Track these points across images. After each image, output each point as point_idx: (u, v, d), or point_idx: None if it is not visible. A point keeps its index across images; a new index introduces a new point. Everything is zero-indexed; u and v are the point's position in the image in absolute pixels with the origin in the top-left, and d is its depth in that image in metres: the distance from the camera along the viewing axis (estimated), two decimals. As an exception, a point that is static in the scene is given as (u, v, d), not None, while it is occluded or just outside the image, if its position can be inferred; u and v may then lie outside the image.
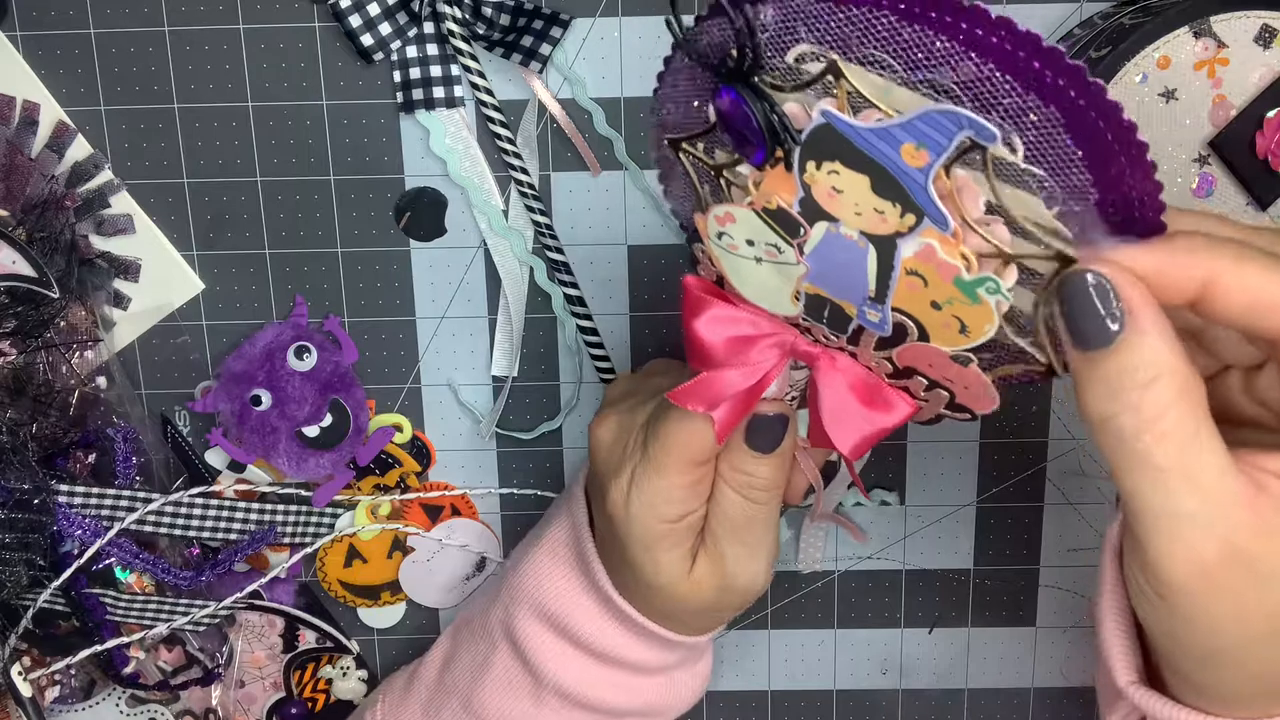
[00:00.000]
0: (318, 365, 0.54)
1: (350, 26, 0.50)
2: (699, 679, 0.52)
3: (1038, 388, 0.54)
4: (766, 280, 0.37)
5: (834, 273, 0.34)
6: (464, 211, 0.53)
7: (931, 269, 0.32)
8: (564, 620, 0.48)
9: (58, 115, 0.52)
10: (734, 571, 0.44)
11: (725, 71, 0.32)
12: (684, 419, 0.41)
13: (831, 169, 0.32)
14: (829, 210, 0.33)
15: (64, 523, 0.52)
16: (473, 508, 0.57)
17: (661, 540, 0.43)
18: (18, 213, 0.51)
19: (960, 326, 0.33)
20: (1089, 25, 0.49)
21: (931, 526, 0.57)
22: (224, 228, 0.53)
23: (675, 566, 0.44)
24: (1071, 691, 0.59)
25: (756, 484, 0.42)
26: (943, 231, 0.31)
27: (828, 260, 0.34)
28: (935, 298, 0.33)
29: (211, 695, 0.59)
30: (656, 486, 0.42)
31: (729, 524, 0.43)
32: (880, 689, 0.60)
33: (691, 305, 0.39)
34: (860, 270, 0.34)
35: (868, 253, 0.33)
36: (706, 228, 0.36)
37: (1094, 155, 0.29)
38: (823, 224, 0.33)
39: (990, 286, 0.31)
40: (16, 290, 0.50)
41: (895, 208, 0.31)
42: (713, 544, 0.44)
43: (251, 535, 0.55)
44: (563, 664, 0.48)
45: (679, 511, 0.43)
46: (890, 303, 0.34)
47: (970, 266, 0.31)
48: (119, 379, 0.54)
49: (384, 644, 0.60)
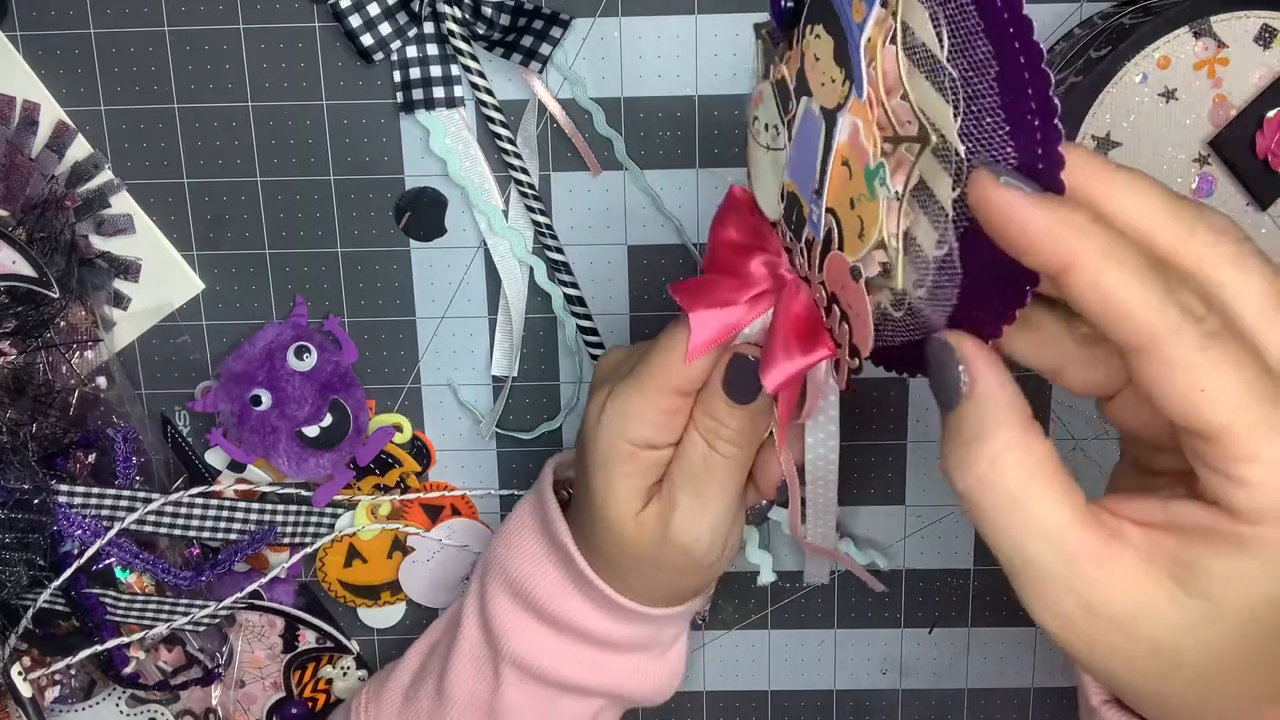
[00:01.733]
0: (318, 365, 0.54)
1: (350, 26, 0.50)
2: (665, 670, 0.51)
3: (1036, 389, 0.54)
4: (767, 173, 0.37)
5: (800, 157, 0.34)
6: (464, 211, 0.53)
7: (855, 156, 0.31)
8: (526, 585, 0.48)
9: (58, 115, 0.52)
10: (679, 525, 0.44)
11: None
12: (675, 343, 0.41)
13: (816, 32, 0.31)
14: (809, 81, 0.32)
15: (64, 523, 0.52)
16: (473, 508, 0.57)
17: (621, 462, 0.43)
18: (18, 213, 0.51)
19: (859, 229, 0.31)
20: (1089, 25, 0.49)
21: (931, 526, 0.57)
22: (224, 228, 0.53)
23: (626, 499, 0.44)
24: (1071, 691, 0.59)
25: (724, 434, 0.42)
26: (858, 99, 0.29)
27: (800, 142, 0.33)
28: (853, 193, 0.31)
29: (211, 695, 0.59)
30: (631, 400, 0.43)
31: (688, 470, 0.43)
32: (880, 689, 0.60)
33: (722, 209, 0.39)
34: (814, 153, 0.33)
35: (820, 131, 0.32)
36: (750, 111, 0.37)
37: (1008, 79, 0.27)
38: (805, 99, 0.33)
39: (881, 177, 0.30)
40: (16, 290, 0.50)
41: (841, 73, 0.30)
42: (668, 488, 0.44)
43: (251, 535, 0.55)
44: (522, 634, 0.48)
45: (645, 436, 0.43)
46: (825, 199, 0.32)
47: (875, 147, 0.30)
48: (119, 379, 0.54)
49: (384, 644, 0.60)
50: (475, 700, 0.50)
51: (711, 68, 0.51)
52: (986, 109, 0.28)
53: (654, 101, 0.51)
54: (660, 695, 0.52)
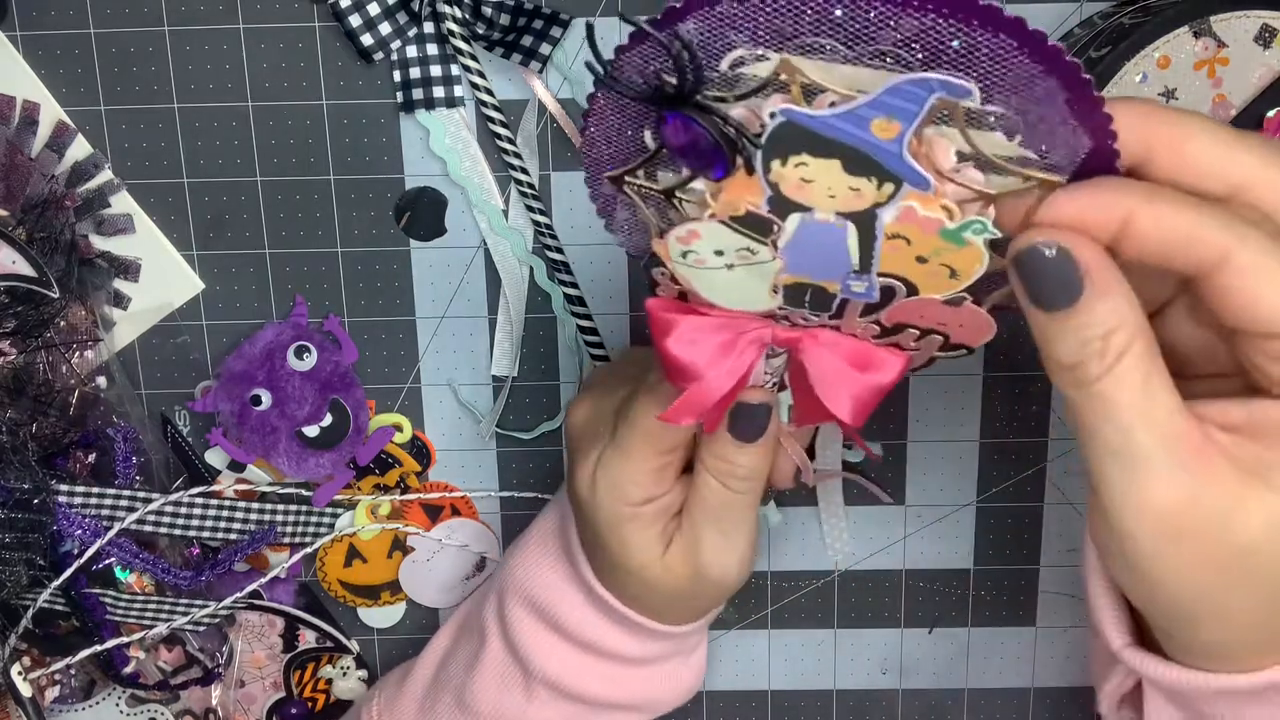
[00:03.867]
0: (318, 365, 0.54)
1: (350, 26, 0.50)
2: (691, 673, 0.51)
3: (1036, 389, 0.54)
4: (741, 284, 0.37)
5: (813, 257, 0.35)
6: (464, 211, 0.53)
7: (914, 228, 0.33)
8: (551, 610, 0.48)
9: (58, 115, 0.52)
10: (708, 561, 0.44)
11: (665, 98, 0.32)
12: (653, 406, 0.41)
13: (798, 162, 0.32)
14: (800, 201, 0.33)
15: (64, 523, 0.52)
16: (473, 508, 0.57)
17: (628, 523, 0.43)
18: (18, 213, 0.51)
19: (950, 273, 0.34)
20: (1089, 25, 0.49)
21: (931, 526, 0.57)
22: (224, 228, 0.53)
23: (646, 549, 0.44)
24: (1071, 691, 0.59)
25: (738, 472, 0.42)
26: (924, 192, 0.32)
27: (805, 248, 0.34)
28: (920, 253, 0.33)
29: (211, 695, 0.59)
30: (621, 469, 0.43)
31: (706, 511, 0.43)
32: (880, 689, 0.60)
33: (660, 326, 0.39)
34: (841, 248, 0.34)
35: (847, 231, 0.33)
36: (668, 250, 0.36)
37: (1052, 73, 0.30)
38: (796, 215, 0.34)
39: (976, 228, 0.32)
40: (16, 290, 0.50)
41: (871, 182, 0.32)
42: (689, 529, 0.44)
43: (251, 535, 0.55)
44: (550, 655, 0.48)
45: (642, 495, 0.43)
46: (875, 270, 0.34)
47: (953, 215, 0.32)
48: (119, 379, 0.54)
49: (384, 644, 0.60)
50: (502, 715, 0.50)
51: (711, 68, 0.50)
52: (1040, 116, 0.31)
53: (654, 101, 0.51)
54: (688, 696, 0.52)
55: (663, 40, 0.31)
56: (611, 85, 0.33)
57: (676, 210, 0.36)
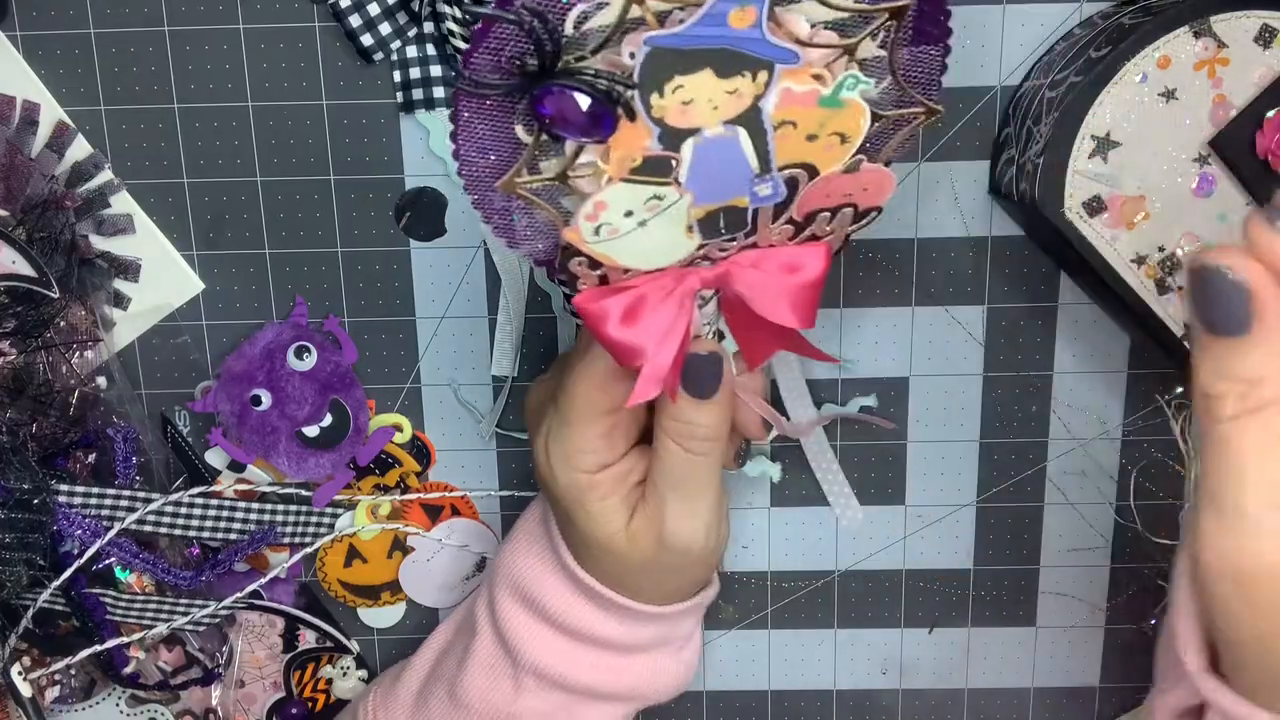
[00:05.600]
0: (318, 365, 0.54)
1: (350, 26, 0.50)
2: (681, 667, 0.51)
3: (1036, 389, 0.54)
4: (658, 237, 0.37)
5: (716, 178, 0.36)
6: (464, 211, 0.53)
7: (796, 108, 0.34)
8: (538, 598, 0.48)
9: (58, 115, 0.52)
10: (672, 529, 0.44)
11: (530, 78, 0.33)
12: (586, 372, 0.42)
13: (674, 86, 0.33)
14: (687, 126, 0.34)
15: (64, 523, 0.52)
16: (473, 508, 0.57)
17: (588, 492, 0.44)
18: (18, 213, 0.51)
19: (840, 139, 0.35)
20: (1089, 25, 0.49)
21: (931, 526, 0.57)
22: (224, 228, 0.53)
23: (609, 518, 0.44)
24: (1071, 691, 0.59)
25: (698, 433, 0.42)
26: (794, 65, 0.33)
27: (707, 170, 0.35)
28: (809, 130, 0.35)
29: (211, 695, 0.59)
30: (568, 438, 0.43)
31: (669, 476, 0.43)
32: (880, 689, 0.60)
33: (594, 317, 0.39)
34: (739, 158, 0.35)
35: (739, 137, 0.35)
36: (580, 234, 0.37)
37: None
38: (689, 141, 0.34)
39: (849, 84, 0.34)
40: (16, 290, 0.50)
41: (745, 77, 0.33)
42: (652, 496, 0.44)
43: (251, 535, 0.55)
44: (539, 644, 0.48)
45: (595, 461, 0.43)
46: (775, 167, 0.36)
47: (825, 80, 0.34)
48: (119, 379, 0.54)
49: (384, 644, 0.60)
50: (492, 707, 0.50)
51: (711, 68, 0.50)
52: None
53: (654, 101, 0.51)
54: (677, 690, 0.52)
55: (513, 18, 0.31)
56: (472, 88, 0.33)
57: (573, 193, 0.36)
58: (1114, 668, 0.59)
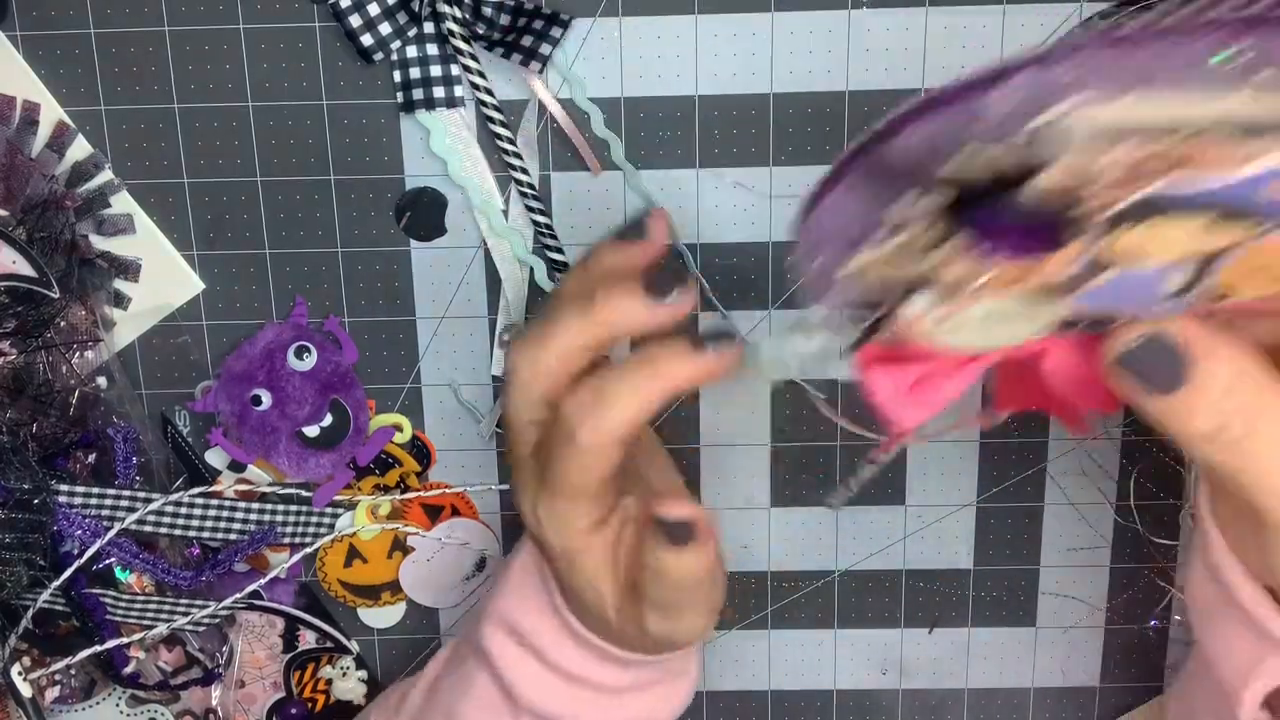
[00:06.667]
0: (318, 365, 0.54)
1: (350, 26, 0.50)
2: (685, 689, 0.50)
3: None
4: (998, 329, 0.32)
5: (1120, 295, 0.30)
6: (464, 211, 0.53)
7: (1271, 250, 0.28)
8: (533, 640, 0.47)
9: (58, 115, 0.52)
10: (655, 630, 0.43)
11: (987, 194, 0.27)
12: (574, 456, 0.40)
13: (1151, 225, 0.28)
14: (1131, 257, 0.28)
15: (64, 523, 0.52)
16: (473, 507, 0.57)
17: (583, 555, 0.43)
18: (18, 213, 0.51)
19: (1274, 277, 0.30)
20: (1089, 25, 0.49)
21: (931, 526, 0.57)
22: (224, 228, 0.53)
23: (600, 583, 0.43)
24: (1071, 691, 0.59)
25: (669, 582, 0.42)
26: None
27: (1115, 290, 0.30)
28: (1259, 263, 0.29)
29: (211, 695, 0.59)
30: (559, 508, 0.42)
31: (647, 598, 0.42)
32: (880, 689, 0.60)
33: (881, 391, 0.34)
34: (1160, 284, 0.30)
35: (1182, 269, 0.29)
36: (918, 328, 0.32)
37: None
38: (1112, 270, 0.29)
39: None
40: (16, 290, 0.50)
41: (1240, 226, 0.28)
42: (631, 605, 0.43)
43: (251, 535, 0.55)
44: (535, 685, 0.47)
45: (588, 521, 0.42)
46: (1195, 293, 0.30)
47: None
48: (119, 379, 0.54)
49: (384, 644, 0.60)
50: None
51: (711, 68, 0.51)
52: None
53: (654, 101, 0.51)
54: (684, 709, 0.51)
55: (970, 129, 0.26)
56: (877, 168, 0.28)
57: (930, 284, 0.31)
58: (1114, 668, 0.59)
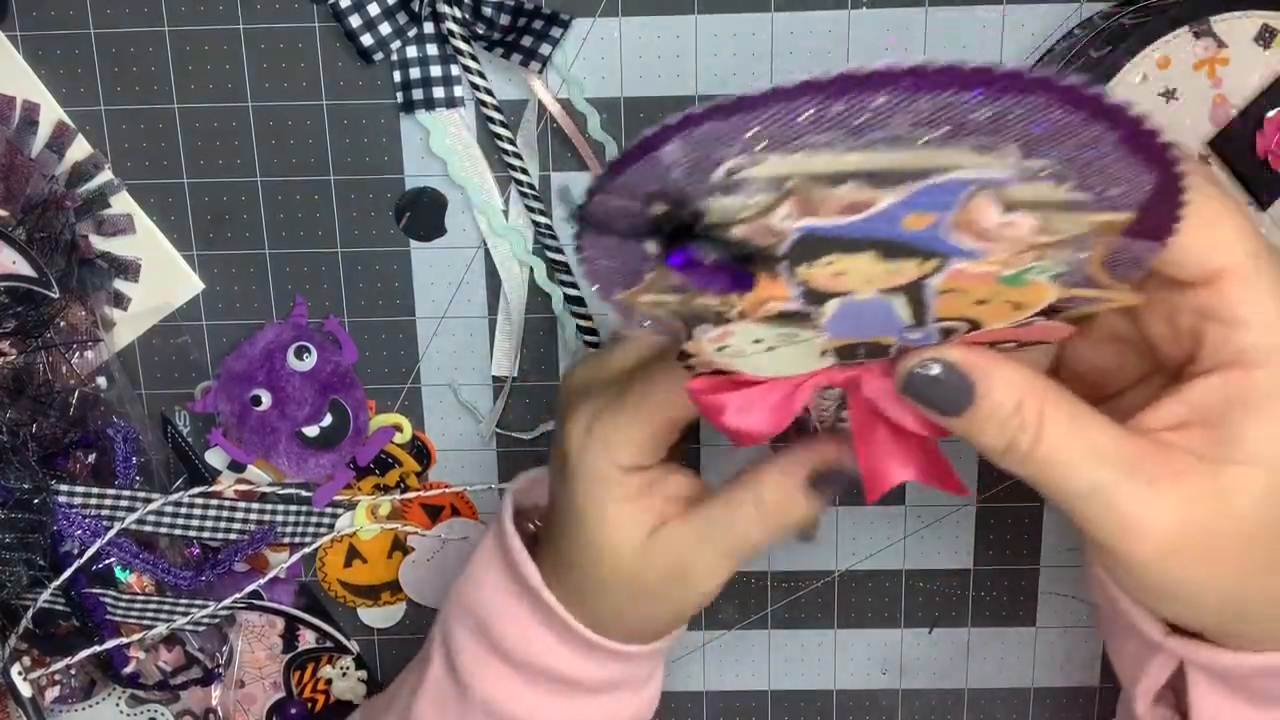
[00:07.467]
0: (318, 365, 0.54)
1: (350, 26, 0.50)
2: (646, 700, 0.48)
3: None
4: (787, 357, 0.35)
5: (862, 324, 0.33)
6: (464, 211, 0.53)
7: (967, 282, 0.31)
8: (492, 628, 0.45)
9: (58, 115, 0.52)
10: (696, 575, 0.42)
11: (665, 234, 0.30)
12: (673, 375, 0.39)
13: (827, 262, 0.30)
14: (837, 290, 0.31)
15: (64, 523, 0.52)
16: (473, 507, 0.57)
17: (613, 488, 0.41)
18: (18, 213, 0.51)
19: (1014, 306, 0.33)
20: (1089, 25, 0.49)
21: (931, 526, 0.57)
22: (224, 228, 0.53)
23: (623, 524, 0.41)
24: (1071, 691, 0.59)
25: (791, 521, 0.41)
26: (972, 261, 0.30)
27: (852, 319, 0.33)
28: (979, 297, 0.32)
29: (211, 695, 0.59)
30: (619, 424, 0.41)
31: (731, 541, 0.41)
32: (880, 689, 0.60)
33: (710, 408, 0.37)
34: (890, 315, 0.33)
35: (894, 301, 0.32)
36: (702, 349, 0.34)
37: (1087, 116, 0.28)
38: (835, 300, 0.32)
39: (1035, 270, 0.31)
40: (16, 290, 0.50)
41: (911, 261, 0.30)
42: (697, 542, 0.41)
43: (251, 535, 0.55)
44: (492, 680, 0.46)
45: (632, 459, 0.41)
46: (932, 321, 0.33)
47: (1008, 264, 0.30)
48: (119, 379, 0.54)
49: (384, 644, 0.60)
50: None
51: (711, 68, 0.51)
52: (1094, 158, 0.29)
53: (654, 102, 0.51)
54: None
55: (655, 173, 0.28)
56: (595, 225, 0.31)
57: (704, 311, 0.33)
58: (1114, 668, 0.59)
